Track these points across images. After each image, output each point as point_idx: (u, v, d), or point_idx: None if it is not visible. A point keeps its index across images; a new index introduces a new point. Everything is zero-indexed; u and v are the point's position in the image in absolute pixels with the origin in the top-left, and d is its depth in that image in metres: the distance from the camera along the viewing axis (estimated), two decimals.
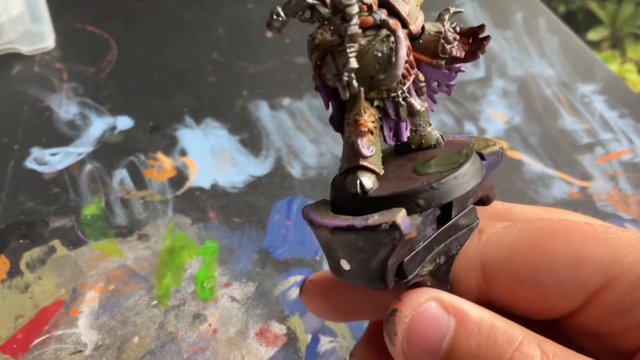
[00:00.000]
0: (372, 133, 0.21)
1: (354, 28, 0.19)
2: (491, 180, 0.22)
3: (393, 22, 0.20)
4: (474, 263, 0.22)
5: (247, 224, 0.45)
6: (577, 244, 0.21)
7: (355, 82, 0.20)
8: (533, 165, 0.51)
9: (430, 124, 0.23)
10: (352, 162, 0.21)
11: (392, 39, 0.20)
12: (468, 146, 0.22)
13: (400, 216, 0.19)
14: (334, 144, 0.52)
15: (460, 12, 0.22)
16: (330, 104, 0.22)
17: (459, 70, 0.22)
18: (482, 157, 0.22)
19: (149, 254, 0.42)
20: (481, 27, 0.22)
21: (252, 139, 0.52)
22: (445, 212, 0.21)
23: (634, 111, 0.57)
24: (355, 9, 0.19)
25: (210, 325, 0.38)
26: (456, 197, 0.20)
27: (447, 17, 0.22)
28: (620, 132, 0.55)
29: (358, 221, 0.19)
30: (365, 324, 0.39)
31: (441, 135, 0.23)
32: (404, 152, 0.23)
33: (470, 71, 0.61)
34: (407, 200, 0.19)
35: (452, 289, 0.22)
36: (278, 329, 0.38)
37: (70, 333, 0.37)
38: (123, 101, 0.55)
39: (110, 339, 0.37)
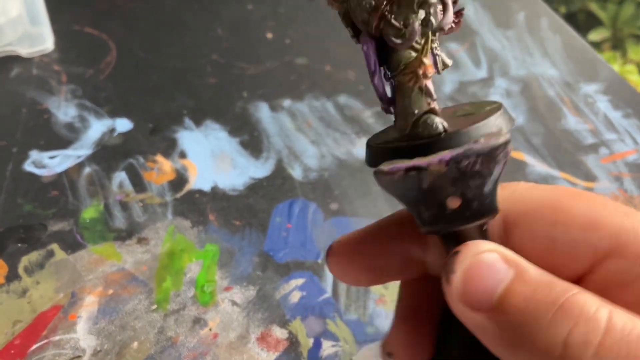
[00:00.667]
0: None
1: None
2: None
3: None
4: (497, 217, 0.22)
5: (248, 226, 0.44)
6: (596, 207, 0.21)
7: (433, 18, 0.20)
8: (537, 166, 0.51)
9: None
10: (422, 107, 0.21)
11: None
12: (481, 101, 0.23)
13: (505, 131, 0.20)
14: (335, 146, 0.52)
15: None
16: (374, 62, 0.22)
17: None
18: None
19: (148, 257, 0.42)
20: (454, 2, 0.23)
21: (252, 140, 0.52)
22: None
23: (638, 111, 0.57)
24: None
25: (210, 329, 0.38)
26: (514, 126, 0.21)
27: None
28: (624, 132, 0.54)
29: (473, 144, 0.19)
30: (365, 327, 0.38)
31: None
32: None
33: (472, 71, 0.61)
34: (490, 126, 0.20)
35: None
36: (279, 333, 0.38)
37: (69, 338, 0.37)
38: (122, 103, 0.55)
39: (109, 344, 0.37)
